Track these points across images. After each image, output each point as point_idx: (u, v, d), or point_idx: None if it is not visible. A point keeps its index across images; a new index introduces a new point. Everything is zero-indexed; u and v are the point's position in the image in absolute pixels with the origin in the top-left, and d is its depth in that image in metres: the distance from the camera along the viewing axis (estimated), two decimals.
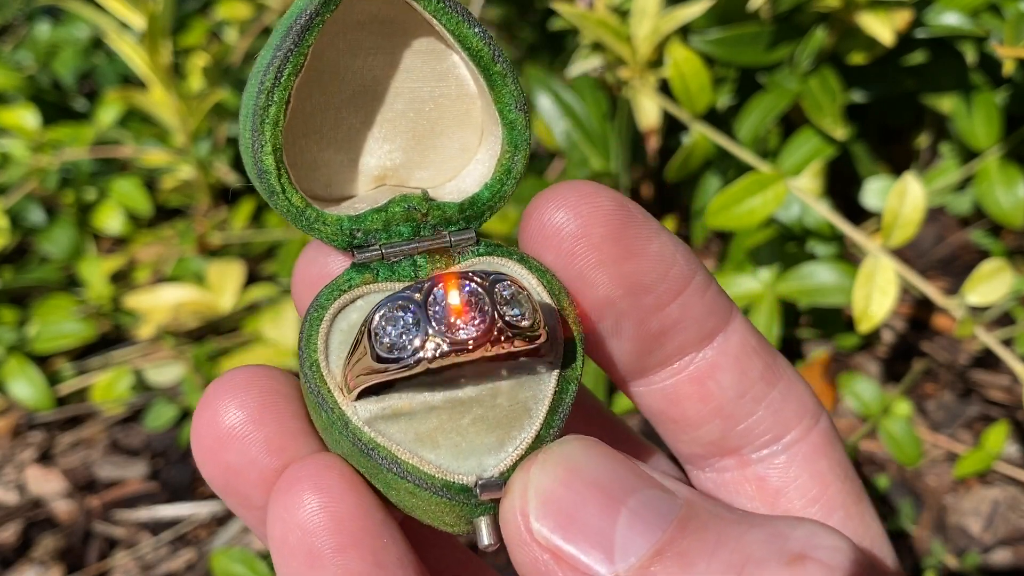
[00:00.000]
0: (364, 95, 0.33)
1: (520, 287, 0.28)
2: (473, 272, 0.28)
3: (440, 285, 0.27)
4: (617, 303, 0.31)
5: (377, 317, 0.27)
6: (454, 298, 0.27)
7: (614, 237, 0.31)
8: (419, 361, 0.26)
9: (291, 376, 0.31)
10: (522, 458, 0.28)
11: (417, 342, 0.27)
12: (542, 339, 0.28)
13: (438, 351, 0.26)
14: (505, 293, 0.27)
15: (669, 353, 0.33)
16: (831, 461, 0.35)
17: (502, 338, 0.27)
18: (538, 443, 0.29)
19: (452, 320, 0.27)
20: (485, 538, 0.28)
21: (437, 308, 0.27)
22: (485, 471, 0.28)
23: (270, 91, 0.29)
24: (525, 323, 0.27)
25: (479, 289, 0.27)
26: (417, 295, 0.27)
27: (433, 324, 0.27)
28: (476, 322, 0.27)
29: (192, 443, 0.30)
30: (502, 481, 0.27)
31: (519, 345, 0.27)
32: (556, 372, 0.30)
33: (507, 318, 0.27)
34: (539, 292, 0.30)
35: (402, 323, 0.27)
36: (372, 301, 0.30)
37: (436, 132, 0.34)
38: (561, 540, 0.25)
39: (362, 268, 0.31)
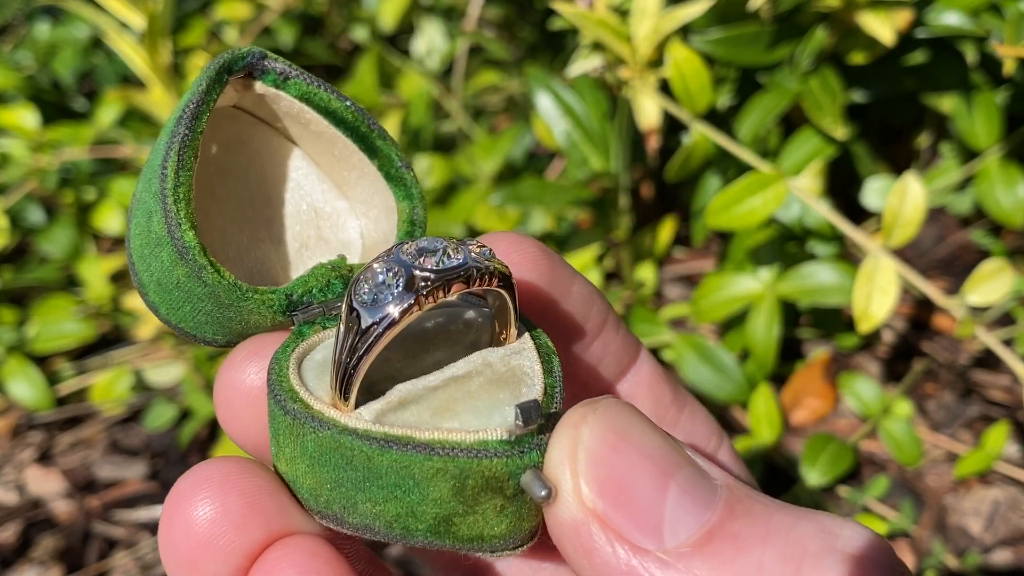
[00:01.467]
0: (254, 197, 0.35)
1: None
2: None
3: (406, 243, 0.28)
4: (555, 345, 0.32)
5: (353, 287, 0.27)
6: None
7: (546, 282, 0.32)
8: (415, 294, 0.26)
9: (266, 468, 0.28)
10: (544, 397, 0.28)
11: (403, 280, 0.27)
12: (514, 283, 0.28)
13: (429, 279, 0.26)
14: (470, 243, 0.28)
15: (594, 390, 0.34)
16: (744, 471, 0.38)
17: (484, 266, 0.27)
18: (549, 397, 0.28)
19: (432, 253, 0.27)
20: (542, 487, 0.25)
21: (412, 254, 0.27)
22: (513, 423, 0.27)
23: (176, 172, 0.29)
24: (498, 262, 0.28)
25: (445, 238, 0.28)
26: (390, 250, 0.28)
27: (413, 264, 0.27)
28: (455, 256, 0.27)
29: (163, 550, 0.27)
30: (537, 400, 0.26)
31: (498, 283, 0.28)
32: (532, 344, 0.30)
33: (478, 252, 0.28)
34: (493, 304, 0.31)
35: (381, 276, 0.27)
36: (329, 347, 0.30)
37: (328, 220, 0.35)
38: (611, 508, 0.24)
39: (306, 325, 0.31)
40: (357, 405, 0.28)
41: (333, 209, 0.35)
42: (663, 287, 0.87)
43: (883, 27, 0.62)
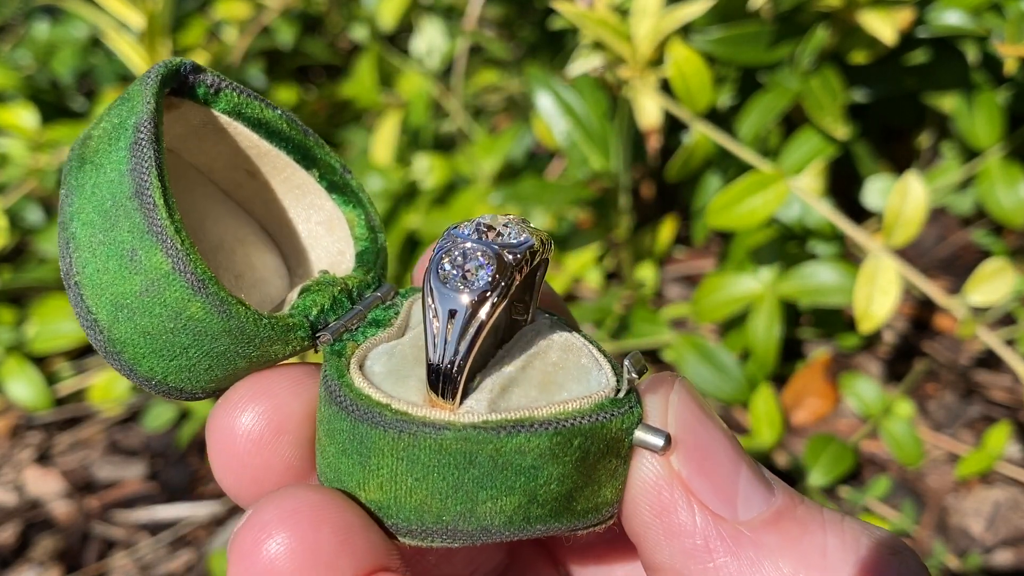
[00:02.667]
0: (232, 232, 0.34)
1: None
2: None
3: (460, 227, 0.27)
4: None
5: (437, 277, 0.26)
6: None
7: None
8: (527, 245, 0.26)
9: (353, 503, 0.26)
10: (617, 375, 0.27)
11: (486, 257, 0.26)
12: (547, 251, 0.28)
13: (517, 259, 0.26)
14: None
15: None
16: None
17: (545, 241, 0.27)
18: (613, 364, 0.28)
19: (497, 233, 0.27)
20: (658, 437, 0.26)
21: (481, 232, 0.27)
22: (608, 382, 0.27)
23: (165, 200, 0.26)
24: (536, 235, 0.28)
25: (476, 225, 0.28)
26: (453, 235, 0.27)
27: (488, 238, 0.27)
28: (516, 234, 0.27)
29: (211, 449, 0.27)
30: (639, 354, 0.27)
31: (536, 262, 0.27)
32: (550, 320, 0.30)
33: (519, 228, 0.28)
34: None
35: (470, 263, 0.26)
36: (384, 348, 0.29)
37: (311, 247, 0.34)
38: (694, 473, 0.26)
39: (339, 343, 0.29)
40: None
41: (247, 232, 0.34)
42: (663, 287, 0.87)
43: (884, 26, 0.62)
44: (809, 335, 0.79)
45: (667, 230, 0.81)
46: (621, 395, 0.27)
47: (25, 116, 0.90)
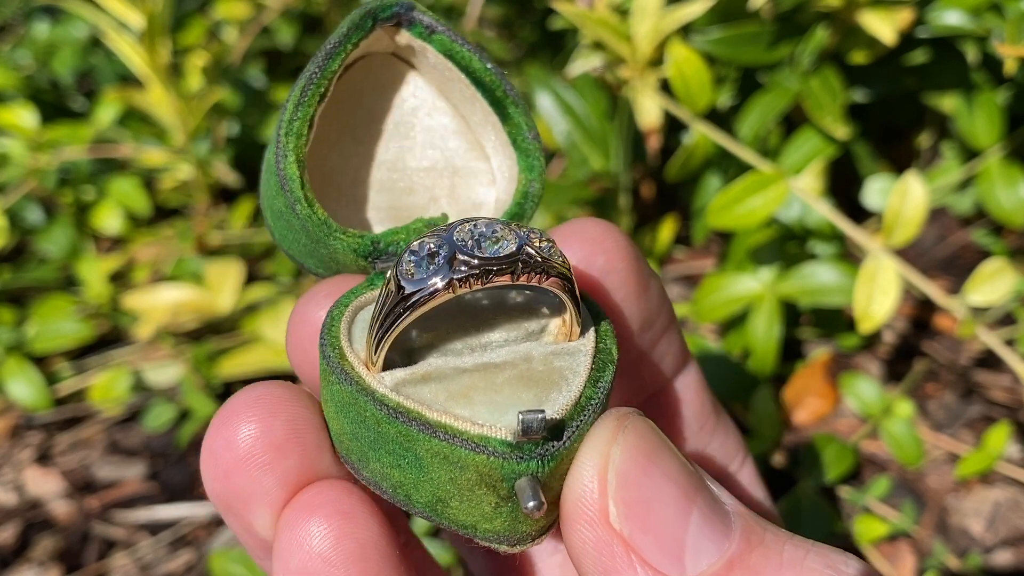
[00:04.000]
0: (395, 144, 0.35)
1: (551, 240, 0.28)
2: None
3: (467, 224, 0.27)
4: (631, 338, 0.32)
5: (404, 255, 0.27)
6: None
7: (634, 271, 0.32)
8: (448, 281, 0.26)
9: (315, 399, 0.29)
10: (567, 416, 0.26)
11: (444, 263, 0.26)
12: (574, 283, 0.28)
13: (470, 263, 0.26)
14: (535, 234, 0.27)
15: (653, 386, 0.35)
16: (764, 491, 0.37)
17: (532, 262, 0.26)
18: (580, 408, 0.27)
19: (480, 241, 0.27)
20: (532, 498, 0.25)
21: (467, 235, 0.27)
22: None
23: (296, 106, 0.30)
24: (558, 259, 0.27)
25: (509, 224, 0.27)
26: (444, 230, 0.27)
27: (459, 247, 0.26)
28: (508, 244, 0.27)
29: (203, 456, 0.28)
30: (543, 416, 0.25)
31: (549, 281, 0.27)
32: (591, 349, 0.29)
33: (537, 246, 0.27)
34: (567, 299, 0.29)
35: (430, 248, 0.27)
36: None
37: (463, 179, 0.35)
38: (637, 531, 0.24)
39: (381, 276, 0.31)
40: (389, 367, 0.28)
41: (469, 169, 0.35)
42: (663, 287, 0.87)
43: (884, 26, 0.62)
44: (809, 335, 0.79)
45: (667, 230, 0.81)
46: (515, 442, 0.25)
47: (25, 116, 0.90)
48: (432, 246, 0.27)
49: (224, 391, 0.81)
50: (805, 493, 0.66)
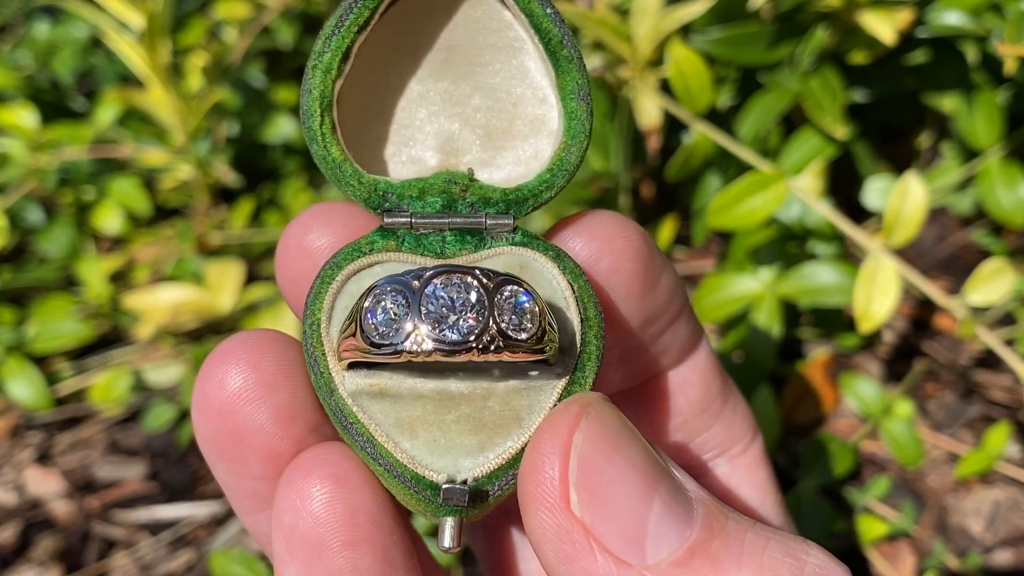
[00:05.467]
0: (440, 86, 0.32)
1: (531, 292, 0.27)
2: (481, 269, 0.27)
3: (438, 279, 0.26)
4: (631, 336, 0.32)
5: (370, 299, 0.27)
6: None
7: (641, 273, 0.31)
8: (400, 352, 0.26)
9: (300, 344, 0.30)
10: (500, 468, 0.27)
11: (404, 332, 0.26)
12: (546, 354, 0.27)
13: (422, 346, 0.26)
14: (510, 299, 0.26)
15: (651, 372, 0.34)
16: (768, 473, 0.37)
17: (492, 347, 0.26)
18: (514, 462, 0.27)
19: (444, 316, 0.26)
20: (446, 540, 0.26)
21: (431, 302, 0.26)
22: (459, 472, 0.27)
23: (328, 38, 0.29)
24: (523, 336, 0.26)
25: (481, 290, 0.26)
26: (415, 282, 0.26)
27: (422, 318, 0.26)
28: (468, 324, 0.26)
29: (194, 399, 0.29)
30: (467, 490, 0.26)
31: (513, 356, 0.26)
32: (562, 384, 0.28)
33: (503, 326, 0.26)
34: (566, 297, 0.29)
35: (393, 311, 0.26)
36: (390, 269, 0.29)
37: (511, 135, 0.33)
38: (598, 518, 0.24)
39: (388, 233, 0.30)
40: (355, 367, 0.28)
41: (516, 120, 0.33)
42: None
43: (884, 27, 0.62)
44: (809, 335, 0.79)
45: (667, 230, 0.81)
46: (441, 492, 0.27)
47: (25, 116, 0.90)
48: (395, 310, 0.26)
49: None
50: (805, 493, 0.66)
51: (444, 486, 0.26)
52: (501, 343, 0.26)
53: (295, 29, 1.01)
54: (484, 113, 0.32)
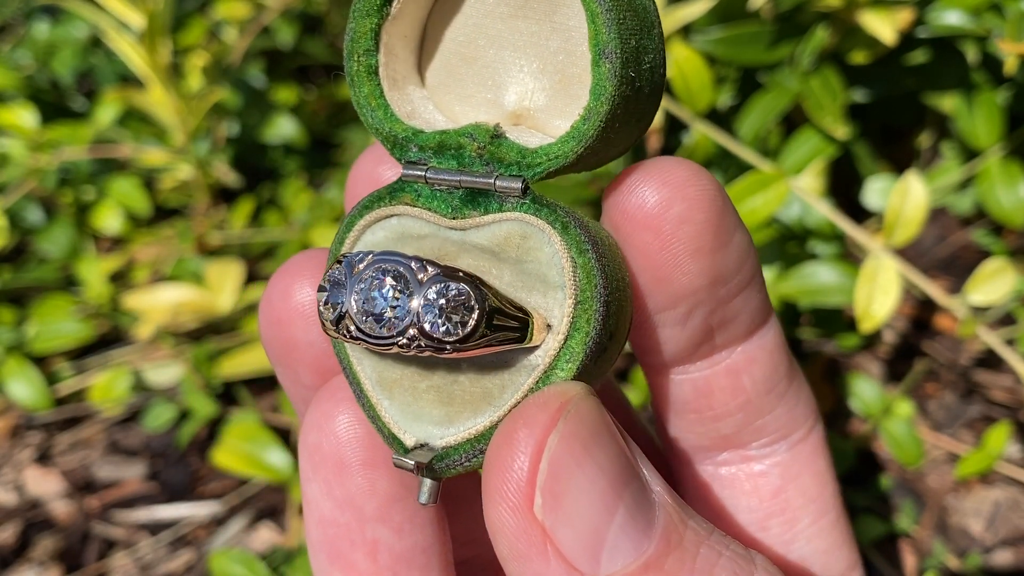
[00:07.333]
0: (522, 25, 0.30)
1: (469, 291, 0.26)
2: (420, 262, 0.26)
3: (371, 269, 0.27)
4: (699, 292, 0.30)
5: (336, 267, 0.28)
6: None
7: (714, 225, 0.29)
8: (391, 344, 0.26)
9: None
10: (467, 441, 0.27)
11: (395, 323, 0.26)
12: (529, 340, 0.27)
13: (413, 343, 0.26)
14: (439, 299, 0.26)
15: (717, 344, 0.32)
16: (827, 463, 0.35)
17: (413, 345, 0.26)
18: (490, 433, 0.27)
19: (371, 308, 0.27)
20: (424, 496, 0.27)
21: (362, 291, 0.27)
22: (430, 439, 0.27)
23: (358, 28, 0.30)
24: (451, 338, 0.26)
25: (405, 286, 0.26)
26: (359, 266, 0.27)
27: (353, 306, 0.27)
28: (390, 319, 0.26)
29: (260, 304, 0.31)
30: (432, 456, 0.27)
31: (452, 355, 0.26)
32: (541, 367, 0.27)
33: (428, 327, 0.26)
34: (567, 270, 0.27)
35: (327, 298, 0.28)
36: (404, 223, 0.30)
37: (584, 83, 0.30)
38: (558, 523, 0.24)
39: (406, 185, 0.30)
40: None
41: (560, 81, 0.30)
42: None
43: (884, 26, 0.62)
44: (809, 335, 0.79)
45: None
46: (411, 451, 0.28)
47: (25, 116, 0.90)
48: (328, 298, 0.27)
49: (224, 391, 0.81)
50: None
51: (412, 450, 0.27)
52: (423, 343, 0.26)
53: (295, 29, 1.01)
54: (563, 57, 0.30)
